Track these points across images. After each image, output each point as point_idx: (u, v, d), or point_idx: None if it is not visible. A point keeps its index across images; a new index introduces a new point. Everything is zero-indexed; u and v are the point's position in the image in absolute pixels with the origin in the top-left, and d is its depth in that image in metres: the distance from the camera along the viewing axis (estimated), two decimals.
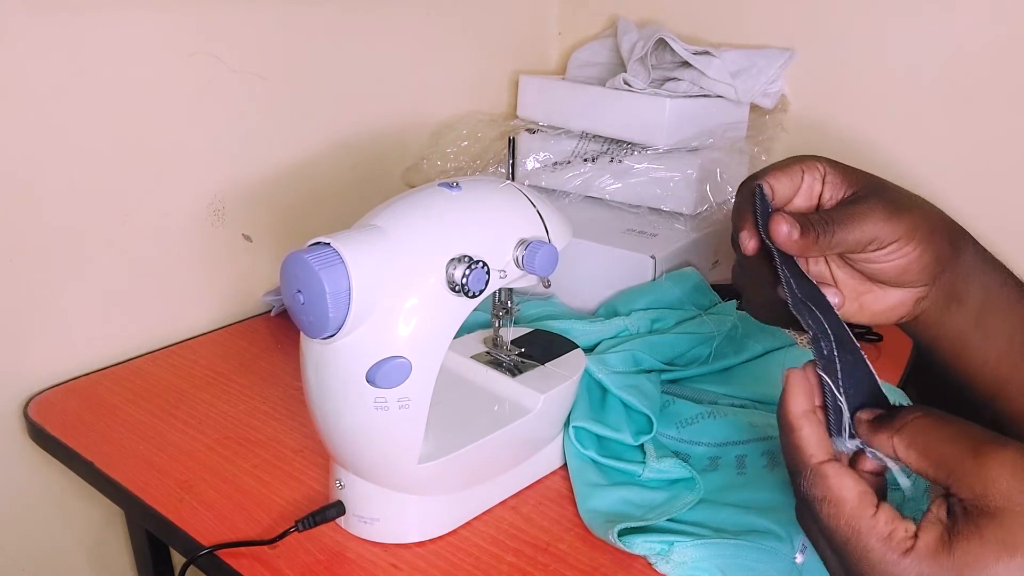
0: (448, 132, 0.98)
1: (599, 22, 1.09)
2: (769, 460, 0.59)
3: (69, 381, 0.73)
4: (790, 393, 0.38)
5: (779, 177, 0.45)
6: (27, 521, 0.74)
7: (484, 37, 1.05)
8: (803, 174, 0.46)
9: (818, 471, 0.36)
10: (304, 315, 0.46)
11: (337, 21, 0.87)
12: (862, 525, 0.34)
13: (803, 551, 0.52)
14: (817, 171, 0.46)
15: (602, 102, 0.91)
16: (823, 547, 0.37)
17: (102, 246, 0.74)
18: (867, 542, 0.34)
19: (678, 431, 0.63)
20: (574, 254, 0.75)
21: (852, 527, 0.34)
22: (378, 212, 0.50)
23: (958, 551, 0.32)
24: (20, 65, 0.65)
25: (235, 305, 0.86)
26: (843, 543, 0.35)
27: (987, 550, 0.31)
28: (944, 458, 0.33)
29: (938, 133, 0.87)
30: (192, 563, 0.52)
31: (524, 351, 0.63)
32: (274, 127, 0.84)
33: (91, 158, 0.71)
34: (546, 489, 0.60)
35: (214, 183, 0.81)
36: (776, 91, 0.94)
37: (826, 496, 0.35)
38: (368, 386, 0.47)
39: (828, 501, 0.35)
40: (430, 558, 0.52)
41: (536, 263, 0.51)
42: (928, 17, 0.85)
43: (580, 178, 0.90)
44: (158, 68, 0.74)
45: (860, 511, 0.35)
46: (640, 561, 0.51)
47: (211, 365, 0.76)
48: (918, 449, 0.35)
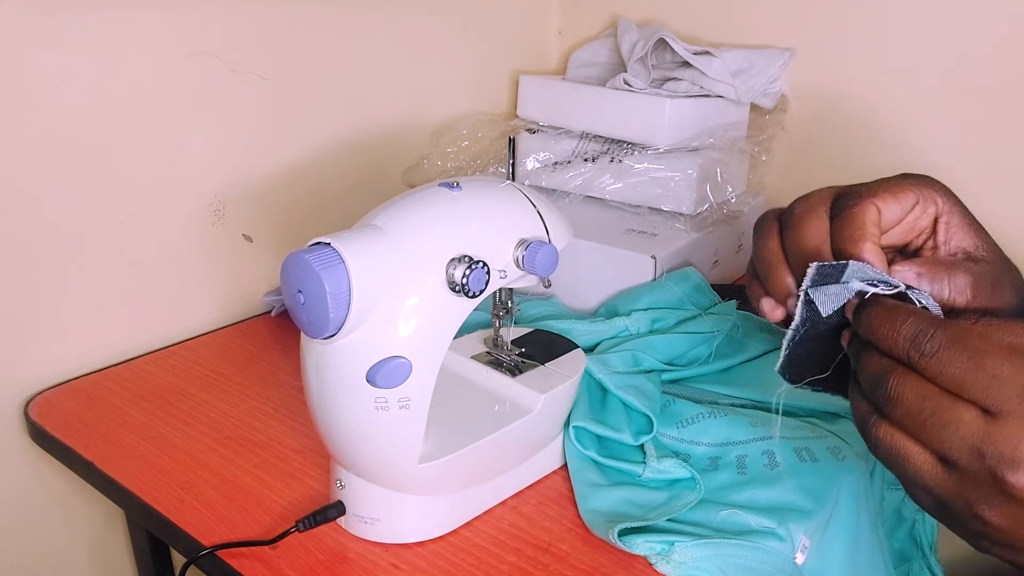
0: (448, 132, 0.98)
1: (599, 22, 1.09)
2: (769, 460, 0.60)
3: (69, 381, 0.73)
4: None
5: (888, 202, 0.39)
6: (27, 521, 0.74)
7: (484, 37, 1.05)
8: (916, 204, 0.40)
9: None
10: (304, 315, 0.46)
11: (337, 21, 0.87)
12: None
13: (803, 551, 0.52)
14: (933, 206, 0.40)
15: (602, 102, 0.91)
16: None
17: (102, 246, 0.74)
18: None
19: (678, 431, 0.63)
20: (574, 254, 0.75)
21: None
22: (378, 212, 0.50)
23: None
24: (20, 65, 0.65)
25: (235, 305, 0.86)
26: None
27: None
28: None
29: (939, 133, 0.87)
30: (192, 563, 0.52)
31: (524, 351, 0.63)
32: (274, 127, 0.84)
33: (91, 158, 0.71)
34: (546, 489, 0.60)
35: (214, 183, 0.81)
36: (776, 91, 0.94)
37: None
38: (368, 386, 0.47)
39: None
40: (431, 558, 0.52)
41: (536, 263, 0.51)
42: (928, 17, 0.85)
43: (580, 178, 0.90)
44: (158, 68, 0.74)
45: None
46: (640, 561, 0.51)
47: (211, 365, 0.76)
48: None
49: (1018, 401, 0.32)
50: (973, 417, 0.33)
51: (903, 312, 0.35)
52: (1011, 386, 0.32)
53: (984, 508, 0.33)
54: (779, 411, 0.64)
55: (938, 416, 0.33)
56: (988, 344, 0.33)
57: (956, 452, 0.33)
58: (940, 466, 0.34)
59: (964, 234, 0.41)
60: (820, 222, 0.40)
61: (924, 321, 0.34)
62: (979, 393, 0.32)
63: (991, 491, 0.33)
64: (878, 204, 0.39)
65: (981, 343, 0.33)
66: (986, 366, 0.32)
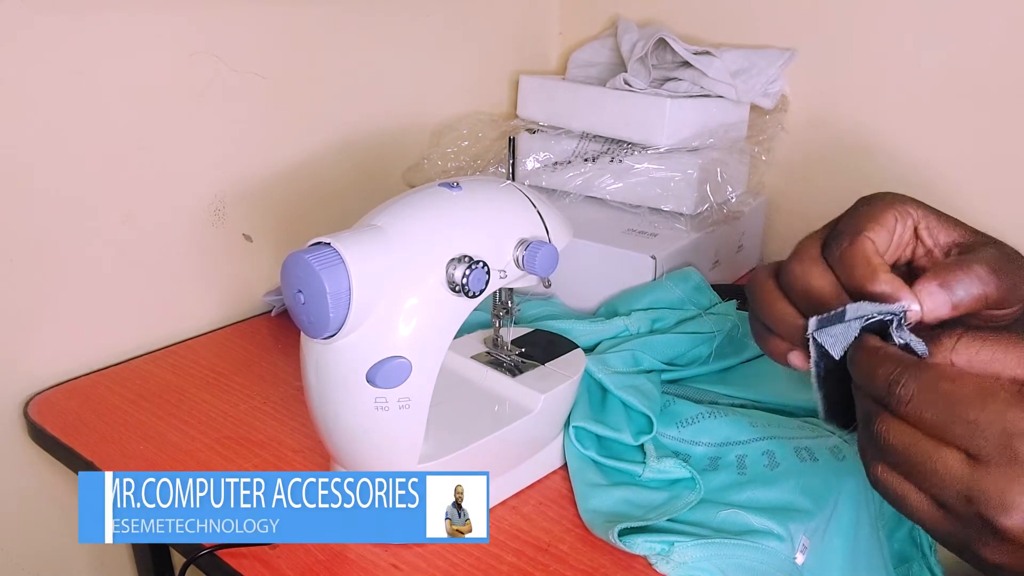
0: (448, 132, 0.98)
1: (599, 22, 1.09)
2: (769, 460, 0.60)
3: (69, 381, 0.73)
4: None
5: (877, 231, 0.39)
6: (27, 521, 0.74)
7: (484, 37, 1.05)
8: (896, 222, 0.40)
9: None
10: (304, 315, 0.46)
11: (337, 21, 0.87)
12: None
13: (803, 551, 0.52)
14: (910, 217, 0.41)
15: (602, 102, 0.91)
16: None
17: (102, 246, 0.74)
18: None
19: (678, 431, 0.63)
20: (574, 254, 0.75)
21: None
22: (378, 212, 0.50)
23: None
24: (20, 65, 0.65)
25: (235, 305, 0.86)
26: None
27: None
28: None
29: (939, 133, 0.87)
30: (192, 563, 0.52)
31: (524, 351, 0.63)
32: (274, 127, 0.84)
33: (91, 158, 0.71)
34: (546, 489, 0.60)
35: (214, 183, 0.81)
36: (776, 91, 0.94)
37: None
38: (368, 386, 0.47)
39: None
40: (430, 558, 0.52)
41: (536, 263, 0.51)
42: (929, 16, 0.85)
43: (580, 178, 0.90)
44: (158, 68, 0.74)
45: None
46: (640, 561, 0.51)
47: (211, 365, 0.76)
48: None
49: (998, 448, 0.31)
50: (958, 462, 0.32)
51: (879, 356, 0.35)
52: (990, 434, 0.31)
53: (982, 548, 0.33)
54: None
55: (925, 464, 0.33)
56: (962, 388, 0.32)
57: (946, 497, 0.33)
58: (935, 508, 0.34)
59: (947, 230, 0.41)
60: (825, 274, 0.40)
61: (897, 367, 0.34)
62: (959, 440, 0.32)
63: (986, 533, 0.33)
64: (871, 237, 0.39)
65: (954, 387, 0.33)
66: (961, 414, 0.32)
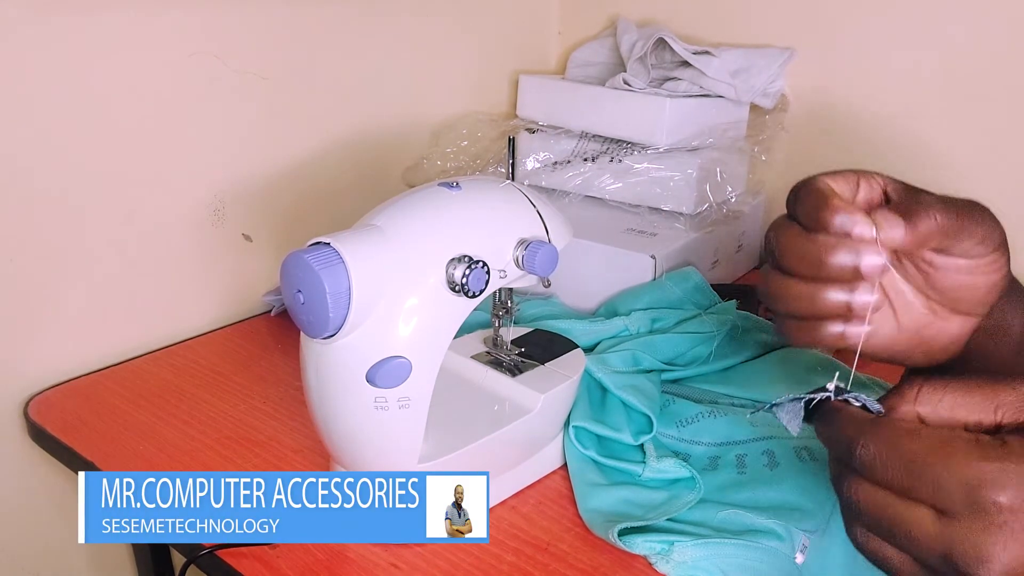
0: (448, 132, 0.98)
1: (599, 22, 1.09)
2: (769, 460, 0.60)
3: (69, 381, 0.73)
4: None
5: (834, 179, 0.42)
6: (27, 521, 0.74)
7: (484, 37, 1.05)
8: (859, 181, 0.42)
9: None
10: (304, 315, 0.46)
11: (337, 21, 0.87)
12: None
13: (803, 551, 0.52)
14: (876, 181, 0.42)
15: (602, 102, 0.91)
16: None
17: (102, 246, 0.74)
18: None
19: (678, 431, 0.63)
20: (574, 254, 0.75)
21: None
22: (378, 212, 0.50)
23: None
24: (20, 65, 0.65)
25: (235, 305, 0.86)
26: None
27: None
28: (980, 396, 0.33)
29: (939, 133, 0.87)
30: (192, 563, 0.52)
31: (524, 351, 0.63)
32: (274, 127, 0.84)
33: (91, 158, 0.71)
34: (546, 489, 0.60)
35: (214, 183, 0.81)
36: (776, 91, 0.94)
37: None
38: (368, 386, 0.47)
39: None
40: (430, 558, 0.52)
41: (536, 263, 0.51)
42: (928, 17, 0.85)
43: (580, 178, 0.90)
44: (158, 68, 0.74)
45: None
46: (640, 561, 0.51)
47: (211, 365, 0.76)
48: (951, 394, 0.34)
49: (964, 503, 0.31)
50: (930, 521, 0.32)
51: (837, 420, 0.35)
52: (953, 489, 0.31)
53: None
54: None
55: (899, 525, 0.33)
56: (921, 445, 0.32)
57: (925, 557, 0.33)
58: (919, 568, 0.34)
59: (913, 192, 0.42)
60: (801, 232, 0.41)
61: (855, 429, 0.34)
62: (926, 498, 0.32)
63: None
64: (826, 180, 0.41)
65: (913, 445, 0.32)
66: (923, 475, 0.32)
